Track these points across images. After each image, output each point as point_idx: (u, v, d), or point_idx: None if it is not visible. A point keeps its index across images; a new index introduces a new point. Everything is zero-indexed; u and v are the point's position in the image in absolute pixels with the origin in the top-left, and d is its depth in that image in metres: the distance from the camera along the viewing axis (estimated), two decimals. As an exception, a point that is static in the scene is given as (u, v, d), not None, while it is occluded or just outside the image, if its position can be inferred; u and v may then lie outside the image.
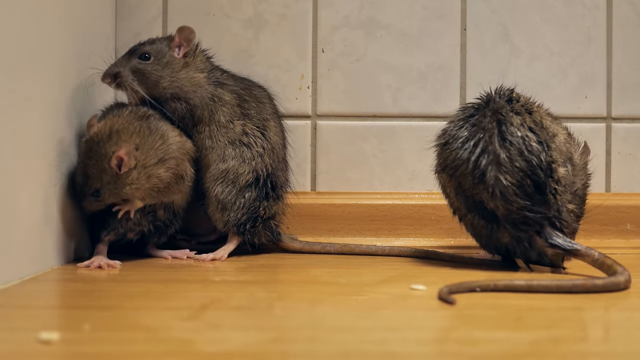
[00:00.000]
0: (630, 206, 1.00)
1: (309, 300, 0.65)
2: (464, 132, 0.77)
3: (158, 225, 0.87)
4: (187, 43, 0.88)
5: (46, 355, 0.45)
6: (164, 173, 0.82)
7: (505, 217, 0.75)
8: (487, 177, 0.75)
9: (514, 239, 0.77)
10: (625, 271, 0.69)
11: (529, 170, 0.75)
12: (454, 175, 0.78)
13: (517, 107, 0.78)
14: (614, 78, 1.02)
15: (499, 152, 0.75)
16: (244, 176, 0.88)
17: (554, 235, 0.75)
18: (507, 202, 0.75)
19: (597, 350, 0.50)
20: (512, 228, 0.75)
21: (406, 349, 0.48)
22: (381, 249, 0.92)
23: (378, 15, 1.02)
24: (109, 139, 0.79)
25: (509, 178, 0.74)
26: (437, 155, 0.81)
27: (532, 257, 0.78)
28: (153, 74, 0.86)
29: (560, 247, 0.75)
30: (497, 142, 0.75)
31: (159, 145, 0.82)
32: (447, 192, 0.82)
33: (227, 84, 0.90)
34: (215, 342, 0.49)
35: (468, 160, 0.76)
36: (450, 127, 0.80)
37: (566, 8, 1.02)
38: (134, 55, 0.86)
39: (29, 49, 0.72)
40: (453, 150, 0.78)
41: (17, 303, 0.61)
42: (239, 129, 0.88)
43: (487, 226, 0.78)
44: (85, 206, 0.81)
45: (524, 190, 0.74)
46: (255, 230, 0.89)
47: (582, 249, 0.74)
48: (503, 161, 0.75)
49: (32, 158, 0.73)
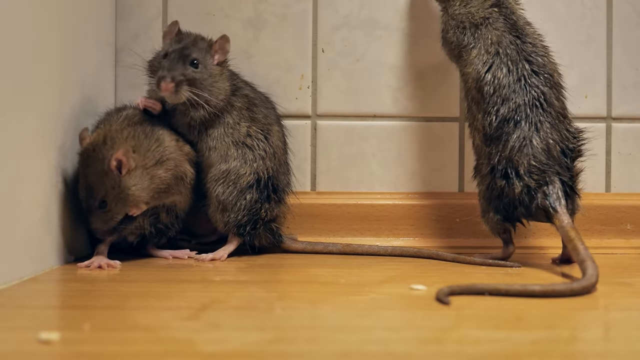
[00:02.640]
0: (630, 206, 1.00)
1: (309, 300, 0.65)
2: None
3: (159, 227, 0.88)
4: (223, 52, 0.87)
5: (46, 355, 0.45)
6: (164, 174, 0.82)
7: (526, 170, 0.80)
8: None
9: (524, 189, 0.80)
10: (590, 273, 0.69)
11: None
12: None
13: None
14: (614, 78, 1.02)
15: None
16: (245, 177, 0.88)
17: (557, 193, 0.79)
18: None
19: (597, 350, 0.50)
20: (529, 177, 0.79)
21: (406, 349, 0.48)
22: (383, 249, 0.92)
23: (378, 15, 1.02)
24: (104, 144, 0.78)
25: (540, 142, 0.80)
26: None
27: (532, 211, 0.80)
28: (203, 84, 0.85)
29: (550, 203, 0.79)
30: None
31: (154, 147, 0.82)
32: (479, 152, 0.85)
33: (242, 88, 0.90)
34: (215, 342, 0.49)
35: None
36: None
37: (566, 8, 1.02)
38: (186, 60, 0.84)
39: (29, 49, 0.72)
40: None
41: (17, 303, 0.61)
42: (244, 130, 0.88)
43: (505, 185, 0.81)
44: (95, 228, 0.79)
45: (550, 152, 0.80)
46: (255, 232, 0.89)
47: (560, 211, 0.78)
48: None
49: (32, 158, 0.73)
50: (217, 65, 0.87)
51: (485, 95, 0.82)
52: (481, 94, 0.83)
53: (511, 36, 0.83)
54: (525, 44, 0.83)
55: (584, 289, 0.66)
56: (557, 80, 0.84)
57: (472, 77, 0.84)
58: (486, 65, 0.83)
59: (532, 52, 0.83)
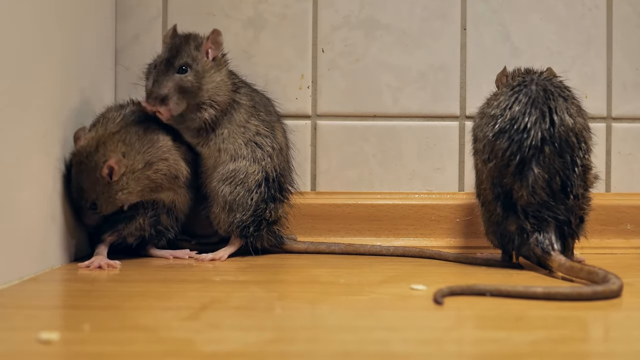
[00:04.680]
0: (630, 206, 1.00)
1: (309, 300, 0.65)
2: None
3: (159, 229, 0.88)
4: (216, 46, 0.86)
5: (46, 355, 0.45)
6: (153, 174, 0.83)
7: (523, 206, 0.77)
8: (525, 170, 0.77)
9: (518, 229, 0.78)
10: (613, 278, 0.67)
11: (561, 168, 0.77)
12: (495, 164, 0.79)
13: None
14: (614, 78, 1.02)
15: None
16: (253, 176, 0.87)
17: (550, 238, 0.76)
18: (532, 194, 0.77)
19: (597, 350, 0.50)
20: (525, 217, 0.77)
21: (406, 349, 0.48)
22: (385, 249, 0.92)
23: (378, 15, 1.02)
24: (97, 151, 0.80)
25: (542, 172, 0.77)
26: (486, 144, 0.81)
27: (523, 251, 0.79)
28: (194, 87, 0.83)
29: (542, 248, 0.76)
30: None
31: (146, 149, 0.83)
32: (481, 178, 0.82)
33: (243, 87, 0.89)
34: (215, 342, 0.49)
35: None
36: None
37: (566, 8, 1.02)
38: (172, 68, 0.83)
39: (29, 49, 0.72)
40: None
41: (17, 303, 0.61)
42: (254, 129, 0.88)
43: (502, 214, 0.79)
44: (85, 222, 0.83)
45: (550, 187, 0.77)
46: (258, 234, 0.89)
47: (553, 255, 0.75)
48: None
49: (32, 158, 0.73)
50: (212, 61, 0.86)
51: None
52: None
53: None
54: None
55: (612, 293, 0.65)
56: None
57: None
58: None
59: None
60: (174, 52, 0.84)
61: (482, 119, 0.82)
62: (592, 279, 0.69)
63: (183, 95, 0.83)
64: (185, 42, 0.85)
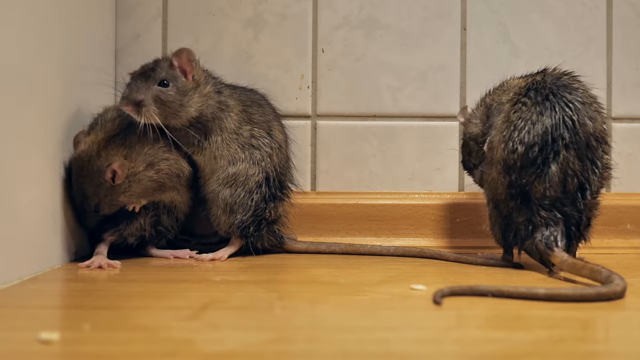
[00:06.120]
0: (630, 206, 1.00)
1: (309, 300, 0.65)
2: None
3: (160, 230, 0.88)
4: (190, 66, 0.84)
5: (46, 355, 0.45)
6: (155, 175, 0.84)
7: (538, 199, 0.77)
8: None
9: (526, 221, 0.78)
10: (617, 279, 0.67)
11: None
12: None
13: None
14: (614, 78, 1.02)
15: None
16: (254, 177, 0.87)
17: (555, 234, 0.76)
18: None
19: (597, 350, 0.50)
20: (537, 210, 0.77)
21: (406, 349, 0.48)
22: (386, 249, 0.92)
23: (378, 15, 1.02)
24: (98, 155, 0.80)
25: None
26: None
27: (526, 245, 0.79)
28: (175, 103, 0.82)
29: (545, 243, 0.76)
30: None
31: (146, 150, 0.83)
32: (496, 186, 0.81)
33: (232, 93, 0.89)
34: (215, 342, 0.49)
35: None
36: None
37: (566, 8, 1.02)
38: (151, 80, 0.82)
39: (29, 49, 0.72)
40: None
41: (17, 303, 0.61)
42: (247, 133, 0.88)
43: (514, 207, 0.79)
44: (87, 224, 0.84)
45: (564, 185, 0.77)
46: (259, 234, 0.89)
47: (556, 251, 0.75)
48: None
49: (32, 158, 0.73)
50: (192, 80, 0.84)
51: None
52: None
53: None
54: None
55: (615, 294, 0.64)
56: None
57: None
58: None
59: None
60: (151, 67, 0.83)
61: (502, 132, 0.80)
62: (594, 278, 0.69)
63: (161, 109, 0.81)
64: (157, 63, 0.84)
